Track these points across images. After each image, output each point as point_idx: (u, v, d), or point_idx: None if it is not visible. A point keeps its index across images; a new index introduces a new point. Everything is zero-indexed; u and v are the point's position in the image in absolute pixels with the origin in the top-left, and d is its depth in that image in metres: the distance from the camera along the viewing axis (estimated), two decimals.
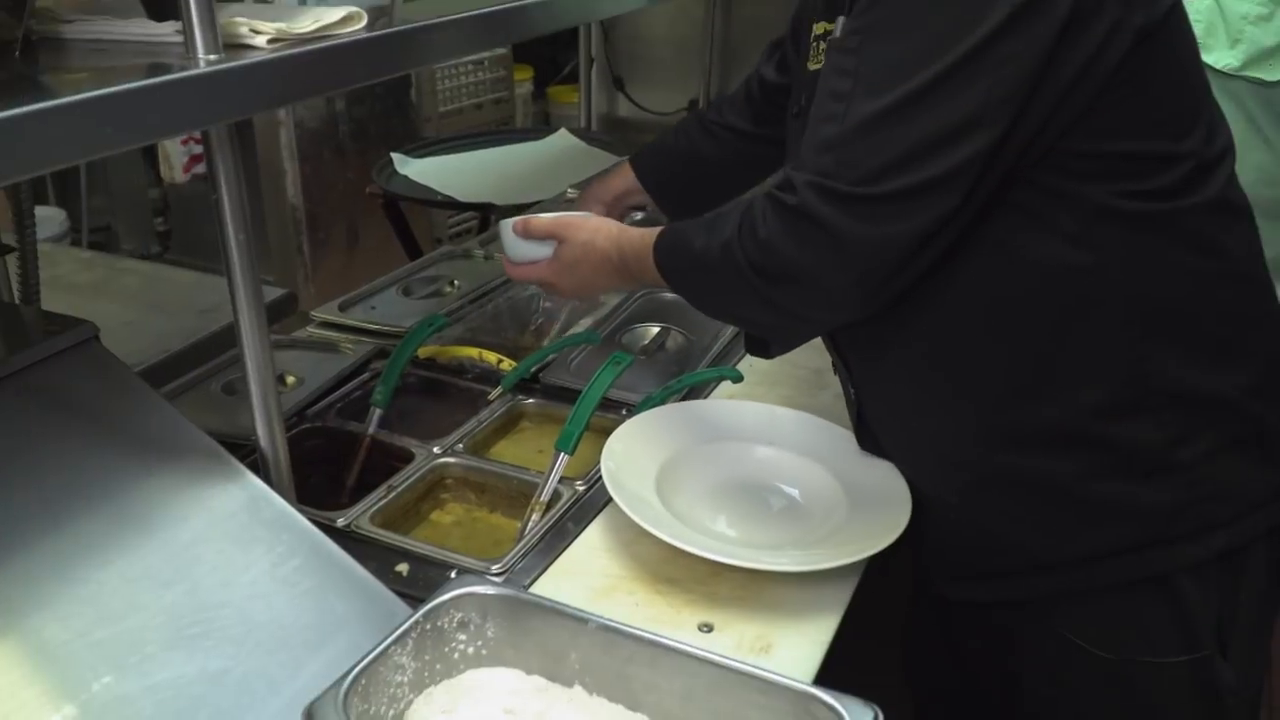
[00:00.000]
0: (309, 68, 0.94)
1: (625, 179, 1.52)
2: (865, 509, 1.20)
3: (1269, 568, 1.09)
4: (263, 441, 1.07)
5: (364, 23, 0.99)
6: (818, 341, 1.70)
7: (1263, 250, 1.10)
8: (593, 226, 1.22)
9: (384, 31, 1.00)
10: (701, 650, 0.88)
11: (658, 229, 1.15)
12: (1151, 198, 0.98)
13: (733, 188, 1.52)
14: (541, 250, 1.24)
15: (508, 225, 1.26)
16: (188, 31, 0.85)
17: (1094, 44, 0.91)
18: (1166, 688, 1.09)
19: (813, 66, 1.10)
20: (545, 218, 1.25)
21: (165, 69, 0.84)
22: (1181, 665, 1.07)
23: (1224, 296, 1.04)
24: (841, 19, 1.00)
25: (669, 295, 1.81)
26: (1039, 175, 0.96)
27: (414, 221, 2.69)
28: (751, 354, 1.21)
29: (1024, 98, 0.90)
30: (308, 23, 0.95)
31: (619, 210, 1.51)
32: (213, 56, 0.86)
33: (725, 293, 1.07)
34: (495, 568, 1.14)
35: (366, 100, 3.24)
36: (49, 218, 2.76)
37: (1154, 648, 1.08)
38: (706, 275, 1.07)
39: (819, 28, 1.10)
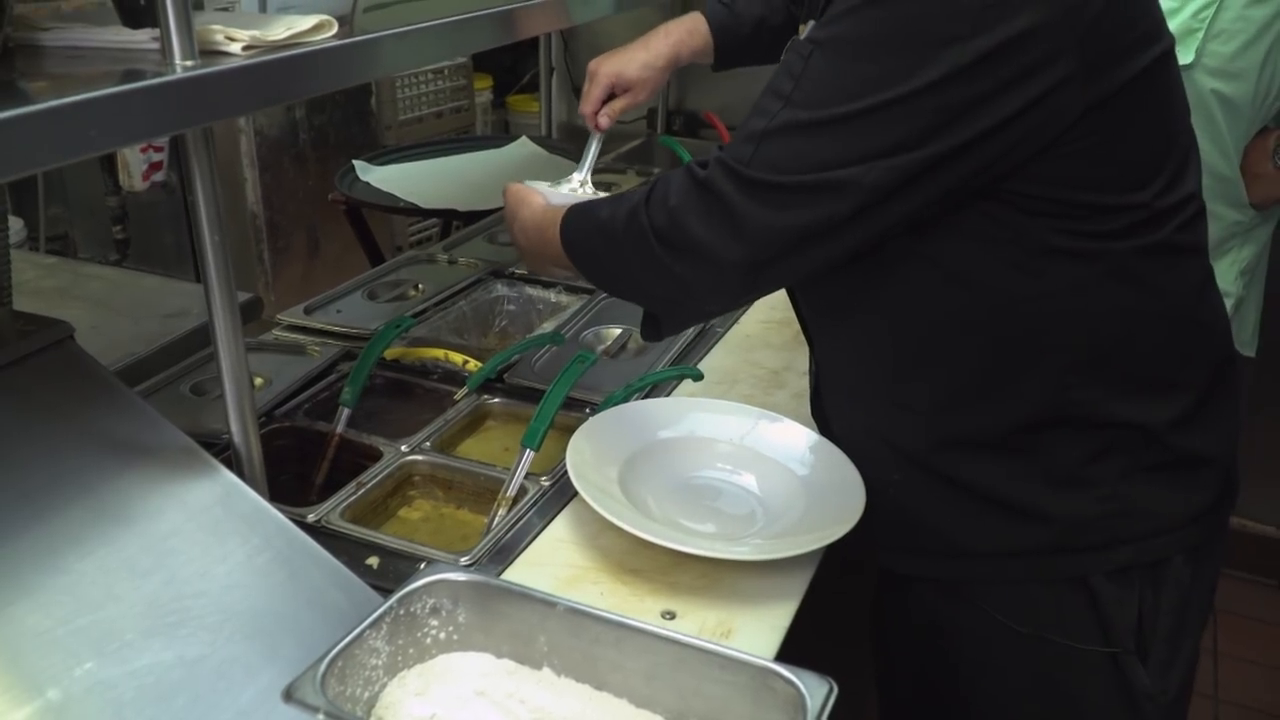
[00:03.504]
0: (283, 73, 0.97)
1: (707, 38, 1.55)
2: (821, 501, 1.25)
3: (1194, 582, 1.13)
4: (236, 437, 1.09)
5: (335, 30, 1.02)
6: (776, 340, 1.77)
7: (1211, 276, 1.13)
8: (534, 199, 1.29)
9: (356, 39, 1.03)
10: (665, 630, 0.93)
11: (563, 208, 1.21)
12: (1091, 238, 1.01)
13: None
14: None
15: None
16: (165, 38, 0.88)
17: (1039, 112, 0.93)
18: (1084, 674, 1.14)
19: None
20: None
21: (143, 75, 0.87)
22: (1098, 655, 1.12)
23: (1158, 335, 1.07)
24: (812, 23, 1.04)
25: None
26: (986, 206, 1.00)
27: (375, 229, 2.71)
28: (644, 338, 1.24)
29: (953, 147, 0.93)
30: (281, 30, 0.98)
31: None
32: (189, 62, 0.89)
33: (624, 261, 1.11)
34: (464, 560, 1.17)
35: (327, 109, 3.25)
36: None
37: (1071, 635, 1.12)
38: (608, 242, 1.12)
39: (801, 30, 1.15)
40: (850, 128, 0.95)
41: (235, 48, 0.94)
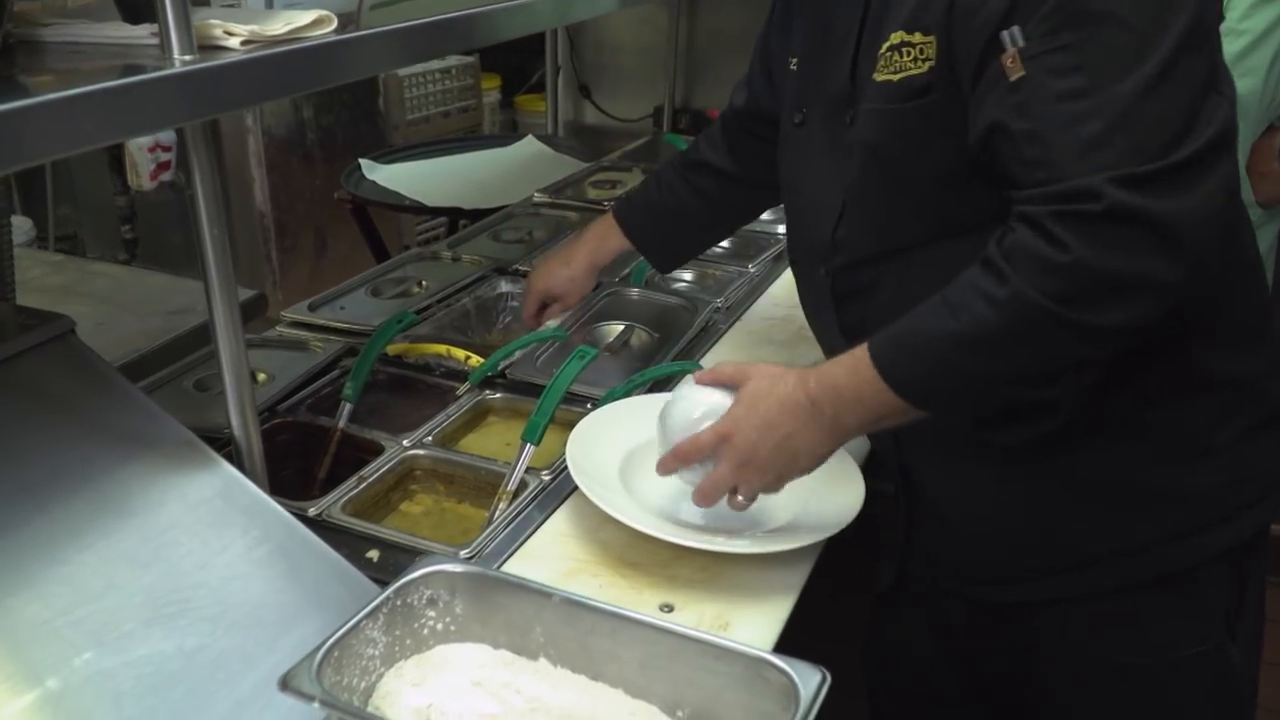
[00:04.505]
0: (282, 68, 0.98)
1: (619, 239, 1.59)
2: (821, 496, 1.25)
3: (1269, 552, 1.14)
4: (236, 430, 1.10)
5: (334, 25, 1.03)
6: (779, 336, 1.77)
7: None
8: (774, 369, 1.11)
9: (355, 34, 1.04)
10: (659, 620, 0.93)
11: (846, 355, 1.04)
12: None
13: (722, 234, 1.66)
14: (725, 400, 1.12)
15: (689, 383, 1.18)
16: (164, 33, 0.89)
17: None
18: (1184, 679, 1.13)
19: (881, 77, 1.06)
20: (729, 365, 1.15)
21: (142, 69, 0.88)
22: (1195, 656, 1.12)
23: (1247, 283, 1.08)
24: (1012, 30, 0.93)
25: (635, 293, 1.87)
26: None
27: (382, 228, 2.72)
28: (1010, 441, 1.10)
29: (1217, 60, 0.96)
30: (280, 25, 0.99)
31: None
32: (188, 57, 0.89)
33: (1015, 356, 0.96)
34: (464, 553, 1.17)
35: (334, 108, 3.27)
36: (14, 226, 2.77)
37: (1167, 644, 1.11)
38: (975, 349, 0.95)
39: (895, 37, 1.04)
40: (1177, 69, 0.90)
41: (234, 43, 0.95)
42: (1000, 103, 0.94)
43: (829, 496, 1.23)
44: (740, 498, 1.11)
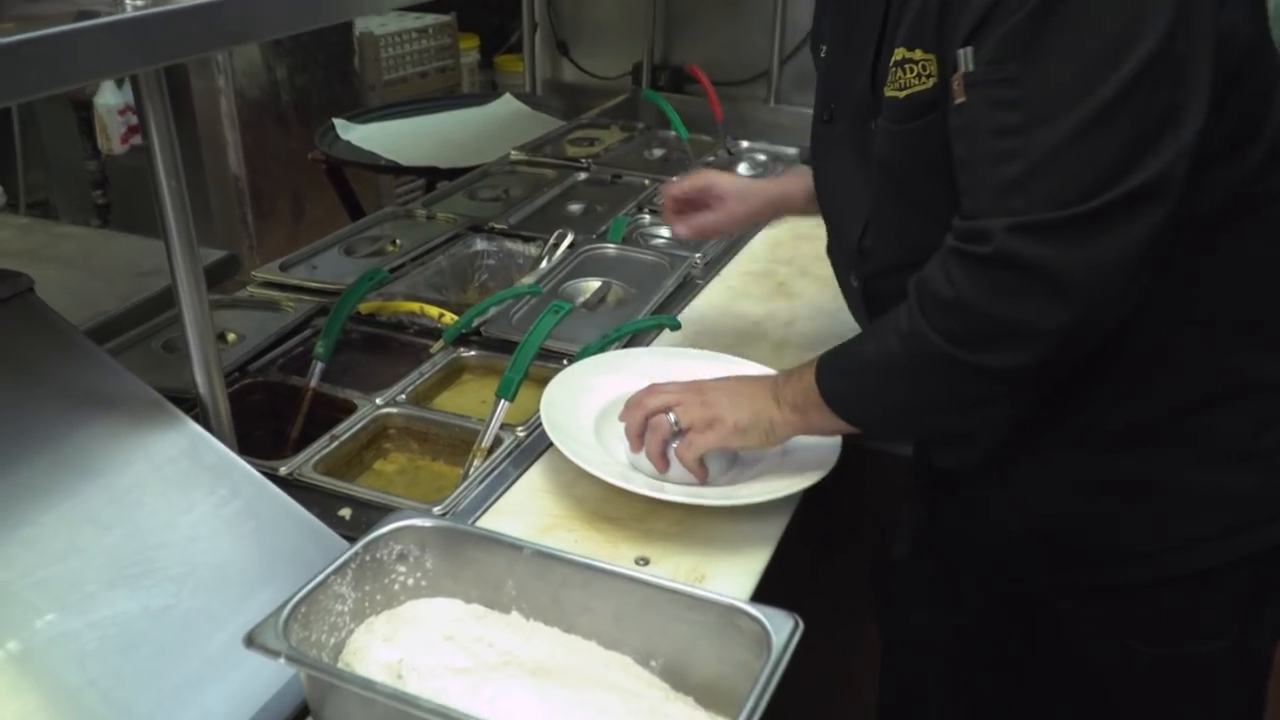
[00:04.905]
0: (238, 13, 0.95)
1: (805, 194, 1.44)
2: (796, 449, 1.23)
3: None
4: (201, 388, 1.08)
5: None
6: (757, 291, 1.75)
7: None
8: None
9: None
10: (631, 571, 0.92)
11: (805, 364, 1.10)
12: (1239, 182, 0.96)
13: None
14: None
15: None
16: None
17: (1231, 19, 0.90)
18: (1204, 676, 1.12)
19: (890, 93, 1.02)
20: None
21: (93, 14, 0.85)
22: (1221, 652, 1.10)
23: None
24: (966, 50, 0.91)
25: (611, 250, 1.85)
26: None
27: (361, 190, 2.69)
28: (943, 464, 1.15)
29: (1207, 86, 0.87)
30: None
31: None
32: (140, 1, 0.87)
33: (921, 388, 0.98)
34: (437, 509, 1.16)
35: (308, 68, 3.22)
36: None
37: (1198, 636, 1.10)
38: (885, 377, 1.00)
39: (898, 54, 1.00)
40: (1118, 112, 0.85)
41: None
42: (950, 122, 0.94)
43: (805, 450, 1.22)
44: (673, 420, 1.14)
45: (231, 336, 1.52)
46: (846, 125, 1.16)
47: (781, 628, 0.81)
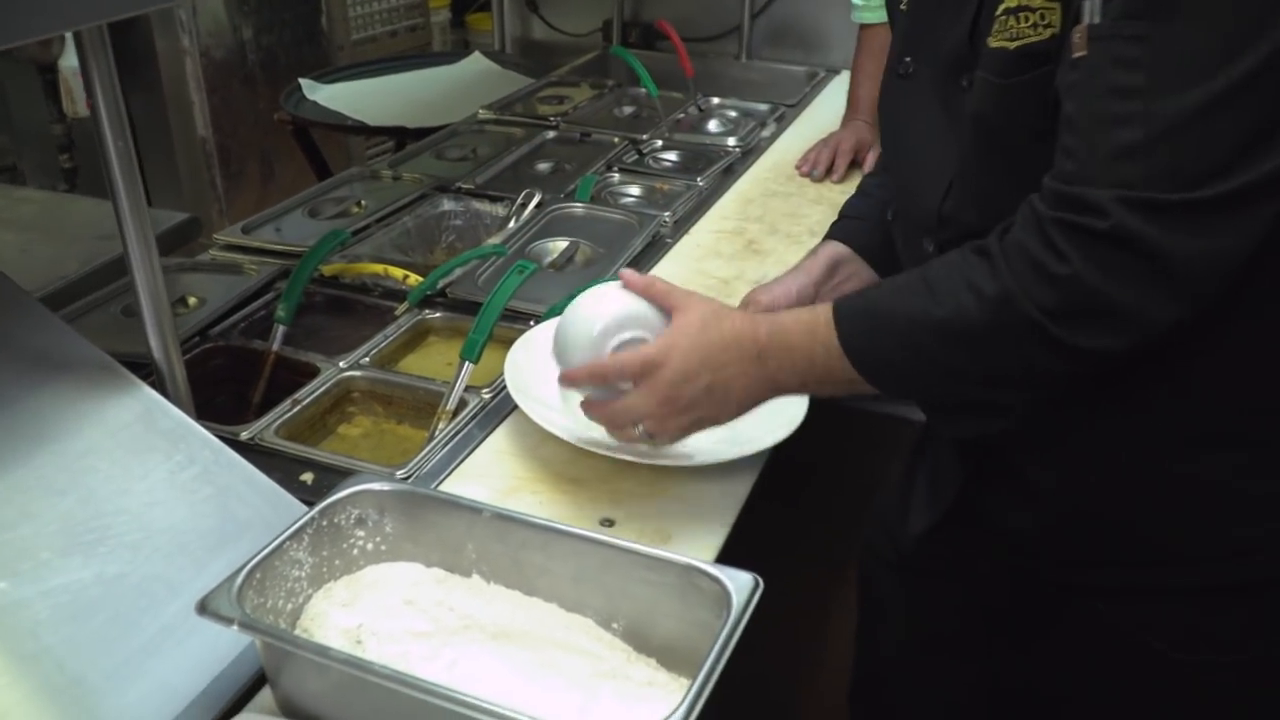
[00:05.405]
0: None
1: (832, 249, 1.33)
2: (762, 408, 1.23)
3: None
4: (156, 352, 1.06)
5: None
6: (726, 250, 1.73)
7: None
8: (715, 302, 1.04)
9: None
10: (590, 533, 0.91)
11: (805, 310, 1.00)
12: None
13: None
14: (646, 314, 1.06)
15: (608, 286, 1.08)
16: None
17: None
18: (1237, 686, 1.07)
19: (996, 43, 0.95)
20: (662, 282, 1.05)
21: None
22: (1253, 662, 1.06)
23: None
24: (1094, 0, 0.84)
25: (579, 209, 1.83)
26: None
27: (330, 152, 2.65)
28: (957, 433, 1.07)
29: None
30: None
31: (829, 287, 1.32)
32: None
33: (988, 357, 0.91)
34: (400, 473, 1.15)
35: (275, 28, 3.16)
36: None
37: (1237, 644, 1.05)
38: (946, 341, 0.91)
39: (1012, 1, 0.93)
40: (1251, 90, 0.78)
41: None
42: (1062, 76, 0.87)
43: (770, 409, 1.21)
44: (642, 431, 1.05)
45: (193, 300, 1.50)
46: (931, 80, 1.08)
47: (743, 587, 0.81)
